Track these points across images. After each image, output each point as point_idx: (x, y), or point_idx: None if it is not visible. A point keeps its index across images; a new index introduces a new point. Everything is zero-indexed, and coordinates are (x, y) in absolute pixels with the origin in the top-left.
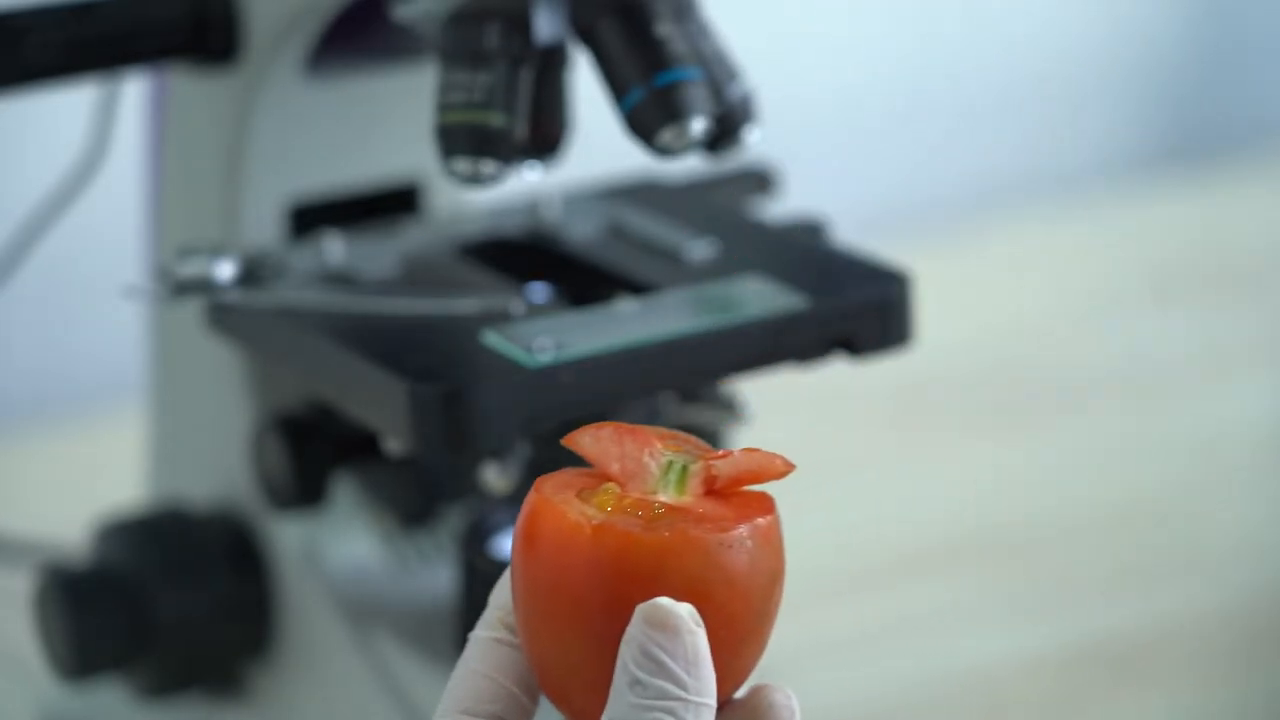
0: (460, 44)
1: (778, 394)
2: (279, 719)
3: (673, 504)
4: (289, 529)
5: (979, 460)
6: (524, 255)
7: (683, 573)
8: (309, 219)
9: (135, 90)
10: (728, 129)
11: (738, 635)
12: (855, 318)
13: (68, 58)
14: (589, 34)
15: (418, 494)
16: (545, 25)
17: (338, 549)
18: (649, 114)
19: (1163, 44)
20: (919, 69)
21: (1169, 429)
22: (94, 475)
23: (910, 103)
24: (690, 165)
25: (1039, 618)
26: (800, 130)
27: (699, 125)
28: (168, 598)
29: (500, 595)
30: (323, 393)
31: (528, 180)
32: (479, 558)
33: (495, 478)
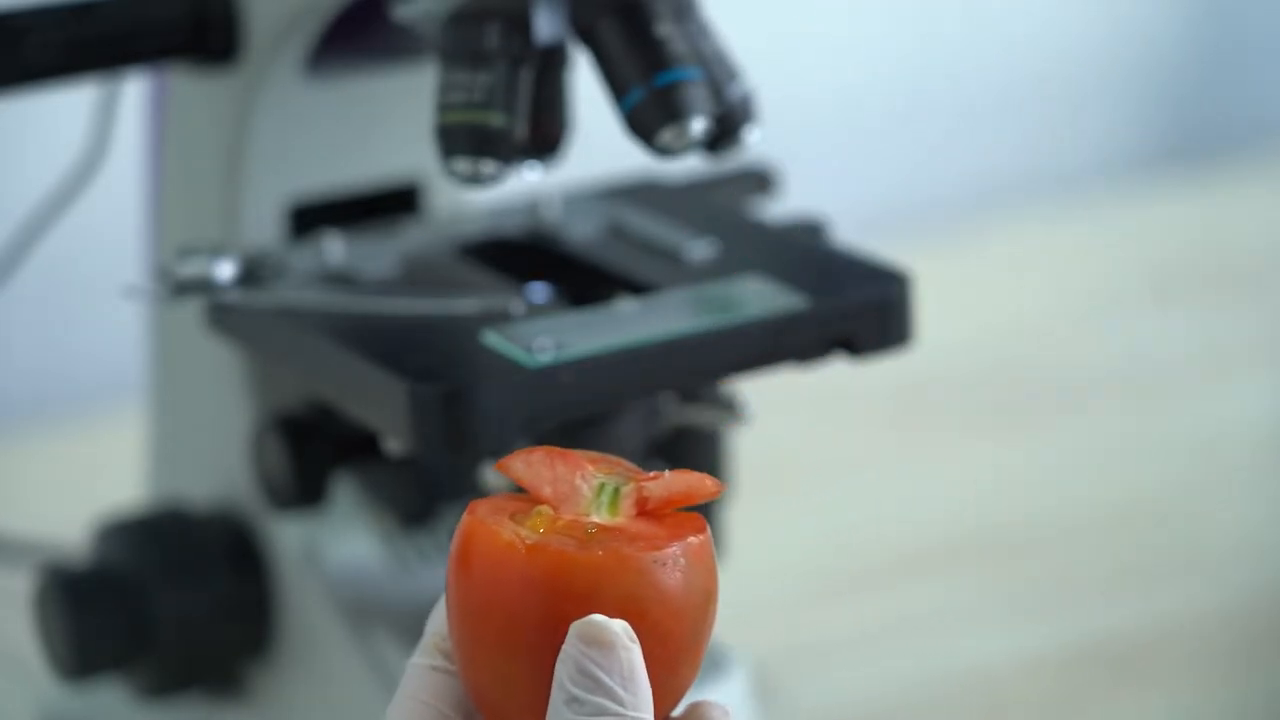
0: (460, 44)
1: (778, 394)
2: (279, 719)
3: (606, 525)
4: (289, 529)
5: (979, 460)
6: (524, 255)
7: (617, 591)
8: (309, 219)
9: (135, 90)
10: (728, 129)
11: (673, 653)
12: (855, 318)
13: (68, 58)
14: (589, 34)
15: (418, 494)
16: (545, 25)
17: (338, 549)
18: (649, 114)
19: (1163, 44)
20: (919, 69)
21: (1169, 429)
22: (94, 475)
23: (910, 103)
24: (690, 165)
25: (1039, 618)
26: (800, 130)
27: (699, 125)
28: (168, 598)
29: (435, 621)
30: (323, 393)
31: (528, 180)
32: None
33: (495, 478)
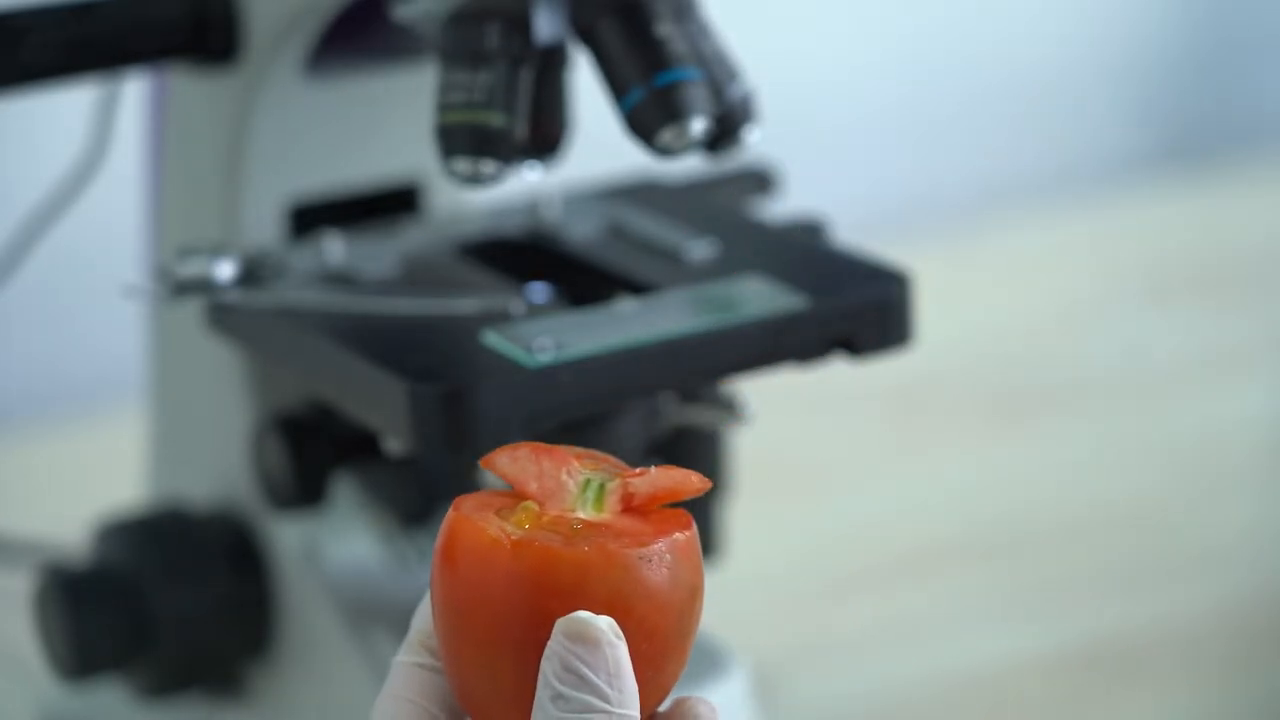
0: (460, 44)
1: (778, 394)
2: (279, 719)
3: (591, 521)
4: (289, 529)
5: (979, 460)
6: (524, 255)
7: (603, 587)
8: (309, 219)
9: (135, 90)
10: (728, 129)
11: (659, 649)
12: (855, 318)
13: (68, 58)
14: (589, 34)
15: (418, 494)
16: (545, 25)
17: (338, 549)
18: (649, 114)
19: (1162, 44)
20: (919, 69)
21: (1169, 429)
22: (94, 475)
23: (910, 103)
24: (690, 165)
25: (1038, 618)
26: (800, 130)
27: (699, 125)
28: (168, 598)
29: (420, 618)
30: (323, 393)
31: (528, 180)
32: None
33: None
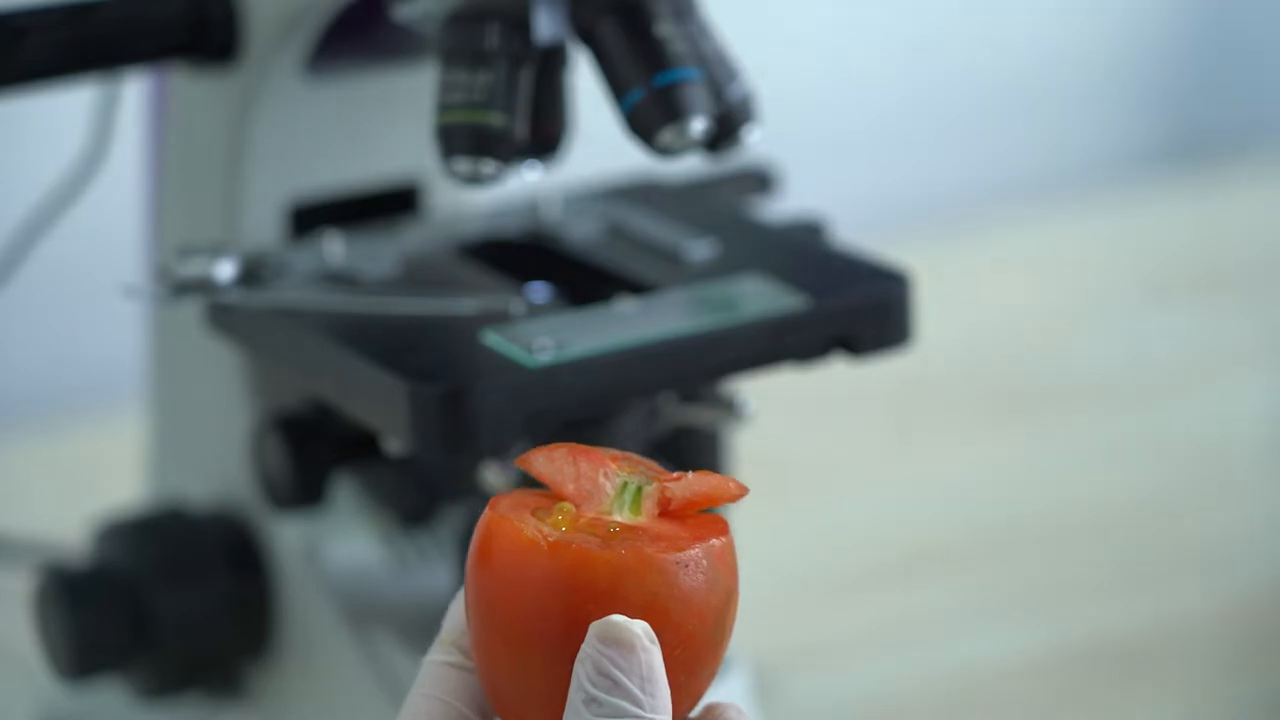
0: (460, 44)
1: (778, 394)
2: (279, 719)
3: (628, 524)
4: (289, 529)
5: (979, 460)
6: (524, 255)
7: (639, 591)
8: (309, 219)
9: (135, 90)
10: (728, 129)
11: (693, 654)
12: (855, 318)
13: (68, 58)
14: (589, 34)
15: (418, 494)
16: (545, 25)
17: (338, 549)
18: (649, 114)
19: (1162, 44)
20: (919, 69)
21: (1169, 429)
22: (94, 475)
23: (910, 103)
24: (690, 165)
25: (1039, 618)
26: (800, 130)
27: (699, 125)
28: (168, 598)
29: (453, 618)
30: (323, 393)
31: (528, 180)
32: None
33: (495, 478)
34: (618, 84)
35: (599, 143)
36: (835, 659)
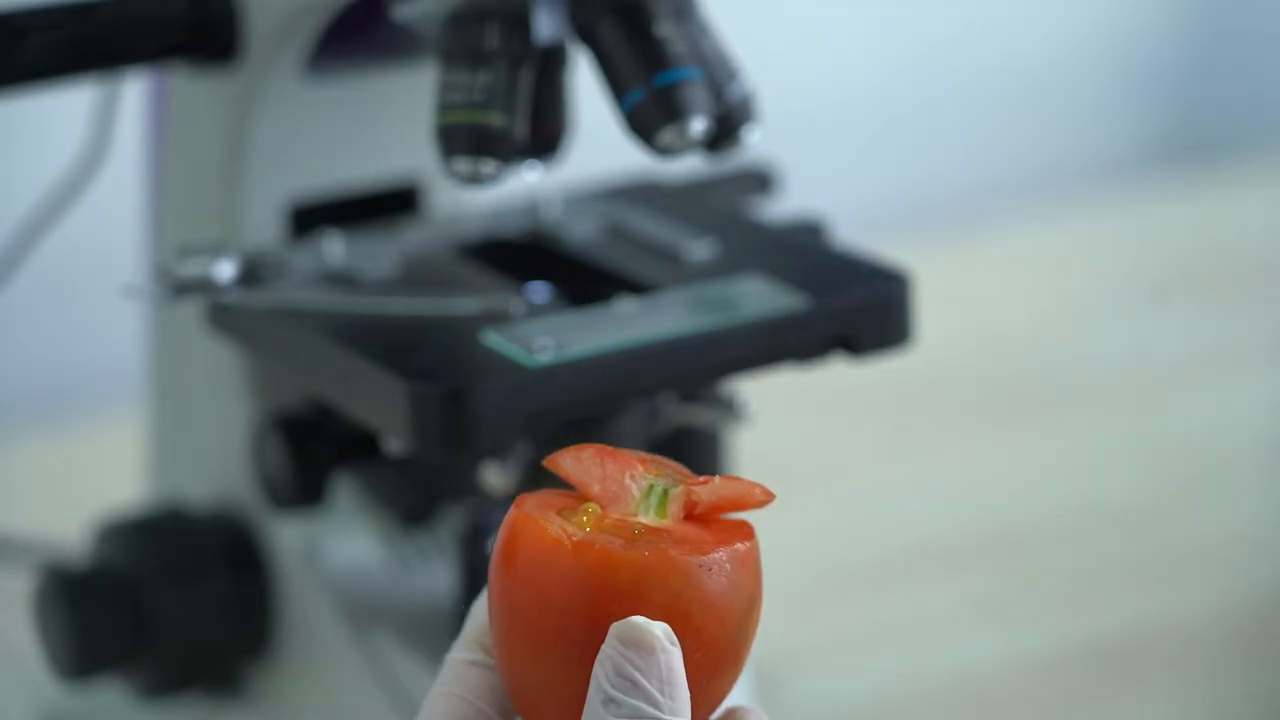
0: (460, 44)
1: (778, 394)
2: (279, 719)
3: (653, 526)
4: (289, 529)
5: (979, 460)
6: (524, 255)
7: (661, 593)
8: (309, 219)
9: (135, 90)
10: (728, 129)
11: (714, 658)
12: (855, 318)
13: (68, 58)
14: (589, 34)
15: (418, 494)
16: (545, 25)
17: (338, 549)
18: (649, 114)
19: (1162, 44)
20: (919, 69)
21: (1169, 429)
22: (94, 475)
23: (910, 103)
24: (690, 165)
25: (1038, 618)
26: (800, 130)
27: (699, 125)
28: (168, 598)
29: (476, 616)
30: (323, 393)
31: (528, 180)
32: (479, 558)
33: (495, 478)
34: (618, 84)
35: (599, 143)
36: (835, 659)
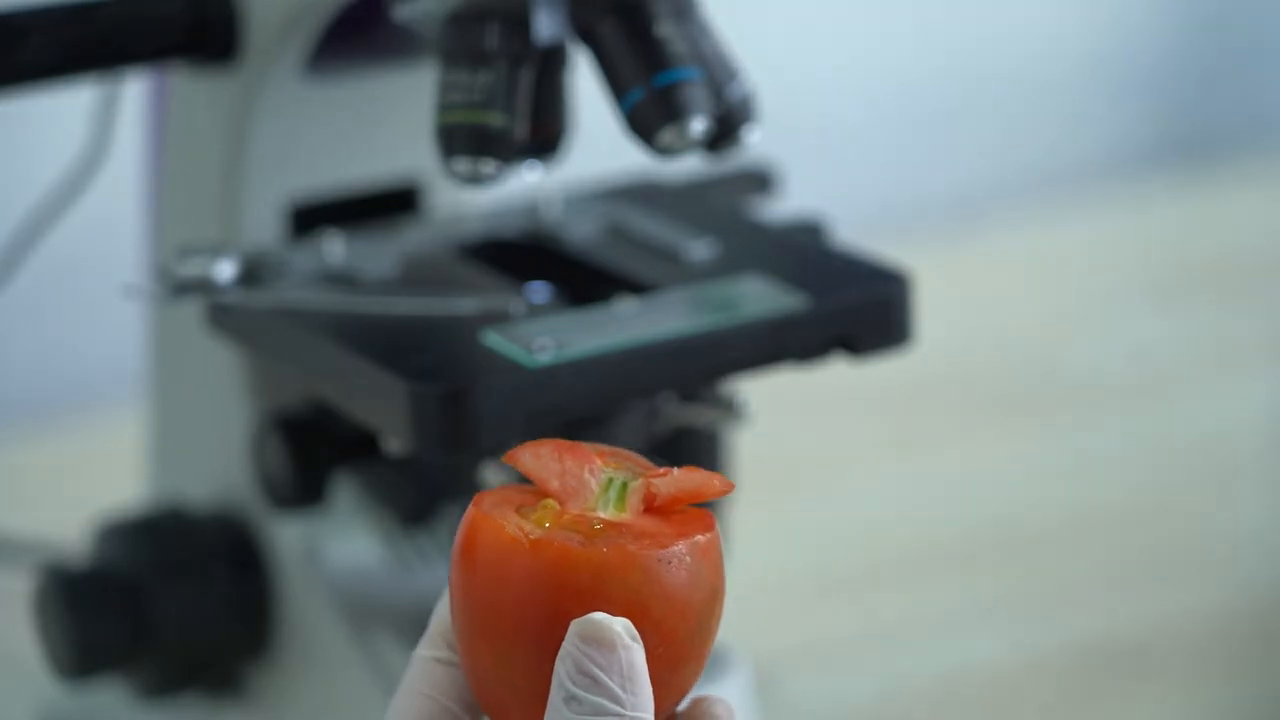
0: (460, 44)
1: (778, 394)
2: (279, 719)
3: (612, 520)
4: (289, 529)
5: (979, 460)
6: (524, 255)
7: (621, 588)
8: (309, 219)
9: (135, 90)
10: (728, 129)
11: (676, 651)
12: (855, 318)
13: (68, 58)
14: (589, 34)
15: (418, 494)
16: (545, 25)
17: (338, 549)
18: (649, 114)
19: (1162, 44)
20: (919, 69)
21: (1169, 429)
22: (94, 475)
23: (910, 103)
24: (690, 165)
25: (1039, 618)
26: (800, 130)
27: (699, 125)
28: (168, 598)
29: (440, 614)
30: (323, 393)
31: (528, 180)
32: None
33: (495, 478)
34: (618, 84)
35: (599, 143)
36: (835, 659)
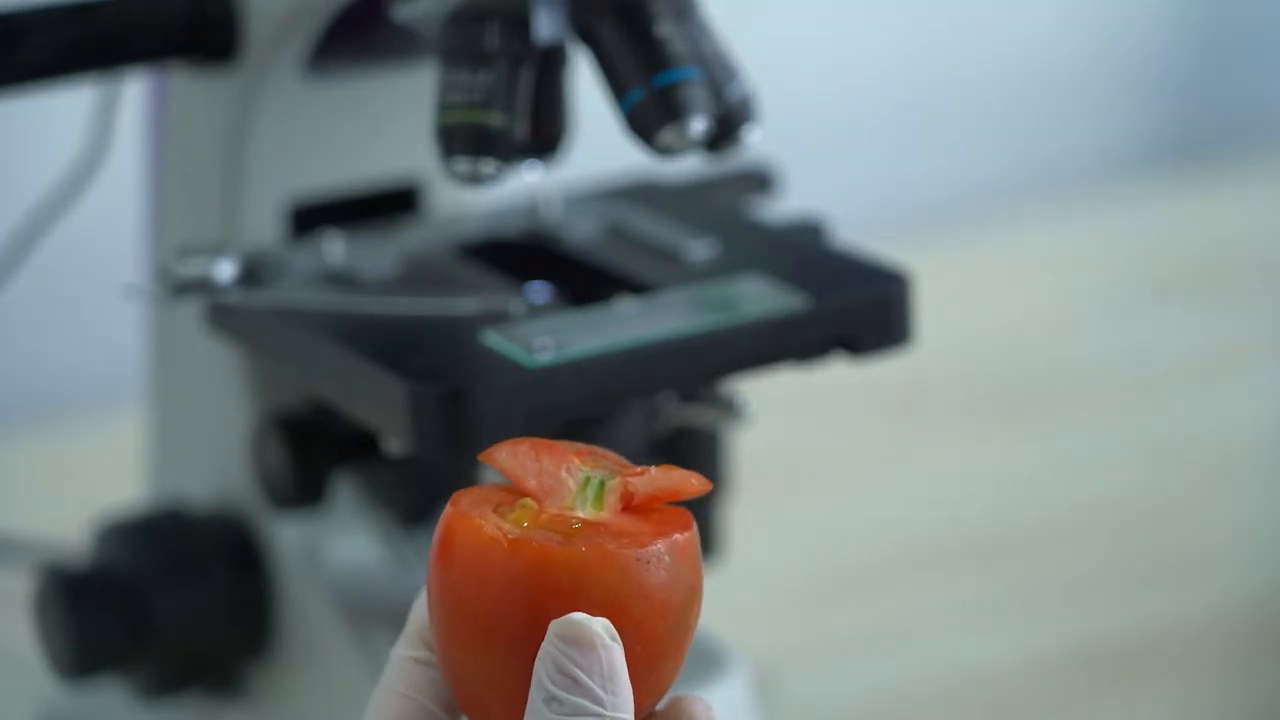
0: (460, 44)
1: (778, 394)
2: (279, 719)
3: (590, 520)
4: (289, 529)
5: (979, 460)
6: (524, 255)
7: (599, 588)
8: (309, 219)
9: (135, 90)
10: (728, 129)
11: (655, 650)
12: (855, 318)
13: (68, 58)
14: (589, 34)
15: (418, 494)
16: (545, 25)
17: (338, 549)
18: (649, 114)
19: (1162, 44)
20: (918, 69)
21: (1169, 429)
22: (94, 475)
23: (910, 103)
24: (690, 165)
25: (1039, 618)
26: (800, 130)
27: (699, 125)
28: (168, 598)
29: (418, 612)
30: (323, 393)
31: (528, 180)
32: None
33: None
34: (618, 84)
35: (599, 143)
36: (835, 659)
